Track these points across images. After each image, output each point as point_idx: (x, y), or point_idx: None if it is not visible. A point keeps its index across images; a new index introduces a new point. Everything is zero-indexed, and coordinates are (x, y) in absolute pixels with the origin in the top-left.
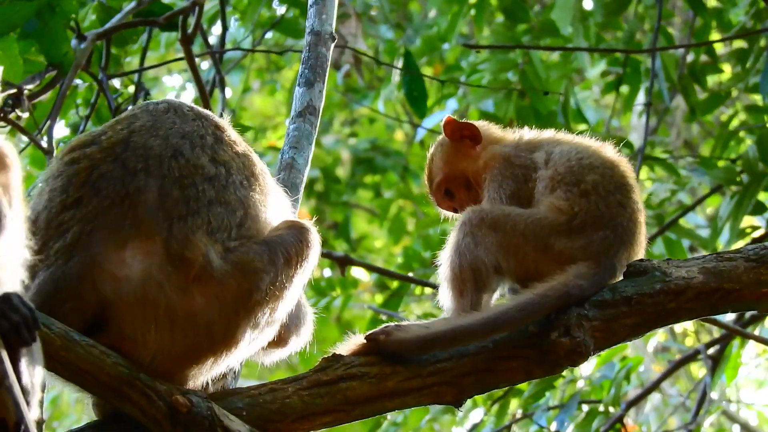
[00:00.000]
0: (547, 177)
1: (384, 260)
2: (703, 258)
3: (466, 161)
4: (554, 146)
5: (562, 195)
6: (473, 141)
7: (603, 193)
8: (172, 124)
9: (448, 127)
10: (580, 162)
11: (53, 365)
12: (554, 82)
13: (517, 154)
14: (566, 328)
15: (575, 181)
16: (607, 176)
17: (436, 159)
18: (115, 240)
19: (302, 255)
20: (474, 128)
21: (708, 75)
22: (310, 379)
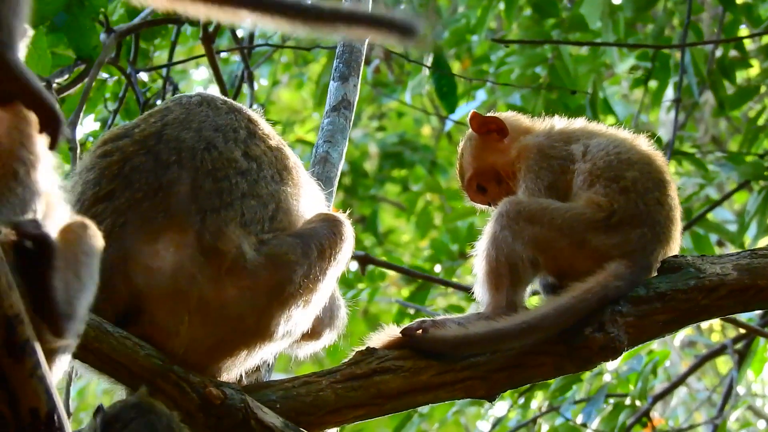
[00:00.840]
0: (586, 171)
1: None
2: (737, 255)
3: (495, 155)
4: (590, 138)
5: (602, 191)
6: (500, 134)
7: (642, 191)
8: (206, 117)
9: (473, 121)
10: (619, 157)
11: (86, 356)
12: (583, 76)
13: (552, 144)
14: (600, 323)
15: (614, 176)
16: (646, 172)
17: (466, 154)
18: (148, 232)
19: (336, 248)
20: (500, 122)
21: (737, 70)
22: (343, 372)
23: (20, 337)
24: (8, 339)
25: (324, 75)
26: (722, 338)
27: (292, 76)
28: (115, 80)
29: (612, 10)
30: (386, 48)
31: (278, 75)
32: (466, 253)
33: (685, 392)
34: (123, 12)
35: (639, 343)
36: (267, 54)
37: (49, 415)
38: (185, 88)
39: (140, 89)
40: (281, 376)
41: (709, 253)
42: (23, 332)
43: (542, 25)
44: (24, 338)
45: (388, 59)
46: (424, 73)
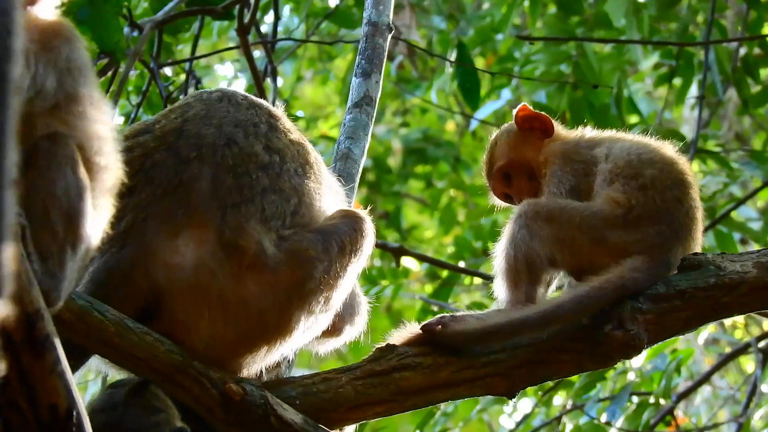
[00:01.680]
0: (606, 170)
1: (434, 250)
2: (757, 252)
3: (532, 152)
4: (615, 143)
5: (620, 188)
6: (544, 134)
7: (660, 188)
8: (226, 112)
9: (520, 115)
10: (640, 156)
11: (107, 352)
12: (607, 74)
13: (577, 150)
14: (620, 321)
15: (634, 174)
16: (666, 171)
17: (501, 143)
18: (168, 228)
19: (356, 244)
20: (549, 121)
21: (761, 68)
22: (363, 368)
23: (41, 332)
24: (29, 335)
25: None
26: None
27: (316, 71)
28: (137, 74)
29: (636, 7)
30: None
31: (302, 71)
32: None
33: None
34: (146, 6)
35: (659, 341)
36: (291, 49)
37: (69, 412)
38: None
39: (163, 83)
40: (303, 372)
41: (733, 251)
42: (43, 328)
43: (567, 22)
44: (44, 334)
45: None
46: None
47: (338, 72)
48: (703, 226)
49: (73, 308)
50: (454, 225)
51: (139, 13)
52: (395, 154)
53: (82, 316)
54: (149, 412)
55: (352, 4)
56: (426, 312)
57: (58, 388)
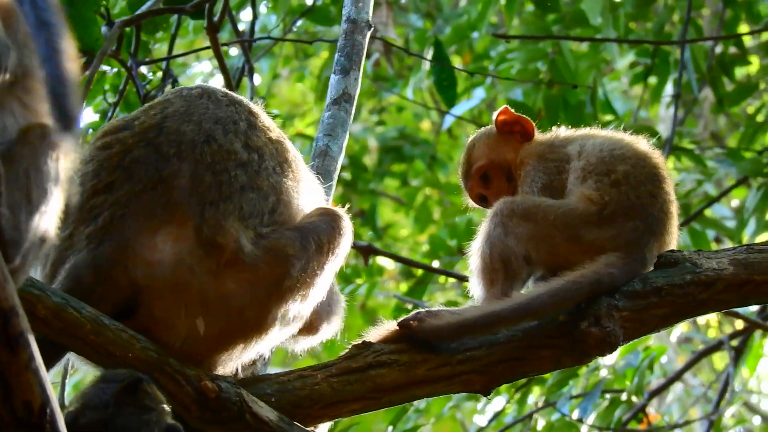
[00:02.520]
0: (579, 168)
1: (410, 249)
2: (733, 249)
3: (511, 154)
4: (588, 139)
5: (593, 185)
6: (524, 137)
7: (634, 183)
8: (206, 109)
9: (501, 118)
10: (612, 153)
11: (83, 349)
12: (583, 72)
13: (551, 149)
14: (596, 317)
15: (606, 171)
16: (639, 167)
17: (480, 145)
18: (147, 224)
19: (334, 242)
20: (530, 125)
21: (737, 67)
22: (339, 366)
23: (15, 329)
24: (3, 331)
25: (325, 69)
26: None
27: (292, 69)
28: (114, 72)
29: (613, 6)
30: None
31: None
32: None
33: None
34: (124, 5)
35: (635, 338)
36: (268, 47)
37: (42, 408)
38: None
39: (140, 82)
40: (278, 370)
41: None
42: (18, 325)
43: (543, 20)
44: (19, 330)
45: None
46: (425, 67)
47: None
48: (678, 221)
49: (49, 305)
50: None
51: (117, 12)
52: (371, 153)
53: (58, 312)
54: (141, 411)
55: (329, 2)
56: (401, 310)
57: (32, 385)
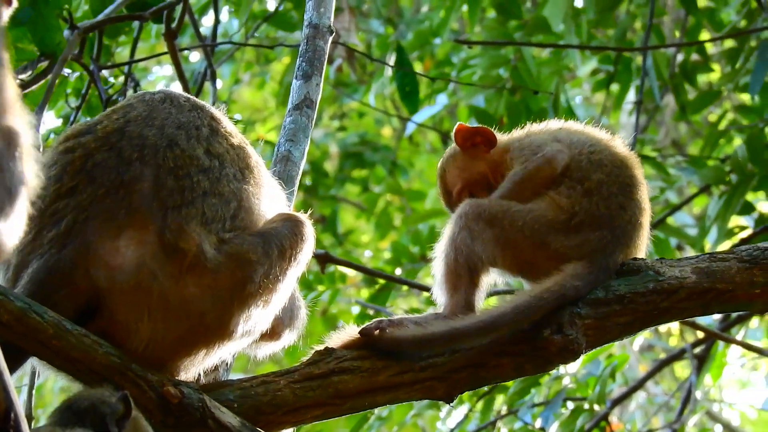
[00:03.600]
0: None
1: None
2: (696, 258)
3: (483, 165)
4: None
5: (565, 191)
6: (488, 145)
7: (606, 194)
8: (168, 114)
9: (459, 135)
10: (590, 158)
11: (45, 353)
12: (545, 79)
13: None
14: (559, 325)
15: (580, 177)
16: (613, 175)
17: (450, 169)
18: (110, 228)
19: (296, 248)
20: (488, 132)
21: (699, 74)
22: (301, 371)
23: None
24: None
25: (287, 75)
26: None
27: (254, 74)
28: (77, 76)
29: (575, 12)
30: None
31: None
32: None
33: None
34: (87, 9)
35: (598, 346)
36: (229, 52)
37: (7, 413)
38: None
39: (102, 86)
40: (240, 376)
41: (670, 256)
42: None
43: (505, 26)
44: None
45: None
46: (387, 73)
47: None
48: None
49: (12, 309)
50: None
51: (79, 15)
52: (332, 158)
53: (20, 317)
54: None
55: (291, 7)
56: (364, 317)
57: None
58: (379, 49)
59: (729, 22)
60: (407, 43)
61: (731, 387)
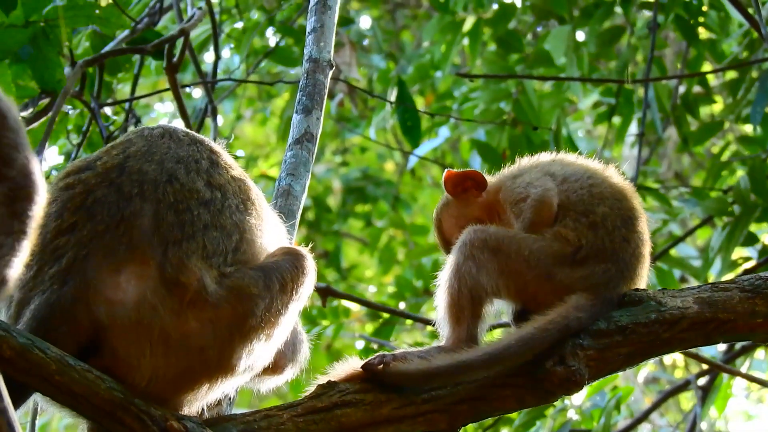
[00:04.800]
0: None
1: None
2: (698, 288)
3: (477, 210)
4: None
5: (571, 224)
6: (479, 189)
7: (610, 228)
8: (167, 148)
9: (449, 182)
10: (591, 190)
11: (48, 389)
12: (547, 112)
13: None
14: (561, 356)
15: (584, 211)
16: (615, 208)
17: (446, 218)
18: (110, 264)
19: (298, 282)
20: (477, 176)
21: (701, 106)
22: (305, 405)
23: None
24: None
25: (287, 109)
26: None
27: (255, 110)
28: (77, 113)
29: (576, 45)
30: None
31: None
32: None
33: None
34: (87, 45)
35: (601, 377)
36: (230, 88)
37: None
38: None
39: (103, 123)
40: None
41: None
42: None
43: (506, 60)
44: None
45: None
46: (388, 108)
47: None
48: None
49: (14, 345)
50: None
51: (80, 52)
52: (335, 193)
53: (23, 353)
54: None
55: (292, 43)
56: (368, 352)
57: (0, 425)
58: (381, 84)
59: (730, 54)
60: (408, 78)
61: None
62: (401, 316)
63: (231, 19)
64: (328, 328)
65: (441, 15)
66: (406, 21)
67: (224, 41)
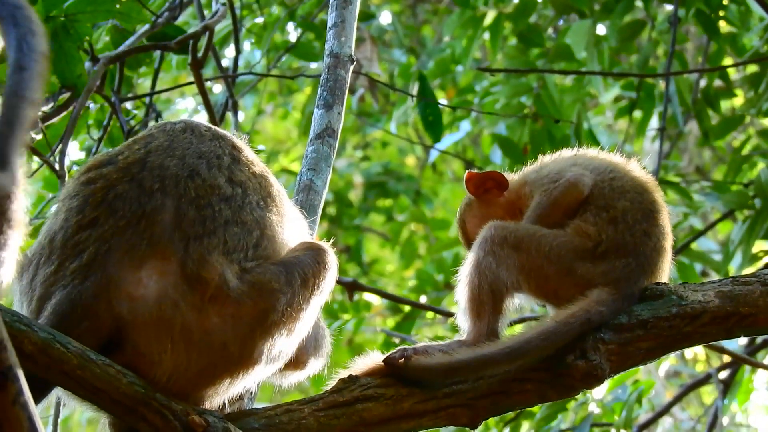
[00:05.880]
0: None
1: (396, 284)
2: (719, 282)
3: (500, 210)
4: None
5: (591, 219)
6: (500, 189)
7: (630, 222)
8: (189, 144)
9: (470, 183)
10: (612, 184)
11: (70, 384)
12: (568, 106)
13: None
14: (582, 351)
15: (605, 205)
16: (636, 202)
17: (469, 219)
18: (131, 259)
19: (319, 276)
20: (498, 176)
21: (722, 100)
22: (326, 400)
23: (3, 363)
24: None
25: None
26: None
27: (276, 105)
28: (98, 108)
29: (597, 39)
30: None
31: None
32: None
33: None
34: (108, 40)
35: (621, 371)
36: (252, 83)
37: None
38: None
39: (124, 117)
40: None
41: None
42: (6, 359)
43: (527, 54)
44: (7, 365)
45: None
46: (410, 102)
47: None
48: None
49: (35, 340)
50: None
51: (100, 47)
52: (356, 188)
53: (44, 348)
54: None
55: (313, 38)
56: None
57: (21, 420)
58: (402, 79)
59: (751, 48)
60: (429, 72)
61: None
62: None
63: (252, 15)
64: (349, 323)
65: (462, 10)
66: (426, 16)
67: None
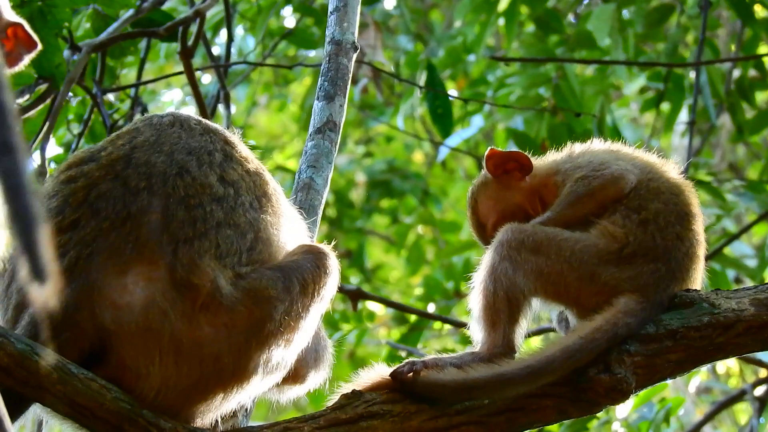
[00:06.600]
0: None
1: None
2: (754, 289)
3: (518, 194)
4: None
5: (620, 221)
6: (522, 172)
7: (662, 224)
8: (178, 138)
9: (490, 161)
10: (649, 185)
11: (49, 400)
12: (589, 98)
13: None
14: (606, 363)
15: (638, 206)
16: (671, 204)
17: (482, 200)
18: (116, 264)
19: (320, 282)
20: (523, 157)
21: (757, 91)
22: (327, 417)
23: None
24: None
25: (308, 96)
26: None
27: (271, 97)
28: (78, 101)
29: (622, 25)
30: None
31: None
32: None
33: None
34: (88, 27)
35: (649, 385)
36: (245, 73)
37: None
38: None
39: (107, 111)
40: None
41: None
42: None
43: (545, 42)
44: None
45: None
46: (417, 94)
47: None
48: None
49: (12, 352)
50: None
51: (80, 34)
52: (358, 187)
53: (21, 360)
54: None
55: (312, 24)
56: (394, 358)
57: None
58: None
59: None
60: (438, 61)
61: None
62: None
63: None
64: (350, 334)
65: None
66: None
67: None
